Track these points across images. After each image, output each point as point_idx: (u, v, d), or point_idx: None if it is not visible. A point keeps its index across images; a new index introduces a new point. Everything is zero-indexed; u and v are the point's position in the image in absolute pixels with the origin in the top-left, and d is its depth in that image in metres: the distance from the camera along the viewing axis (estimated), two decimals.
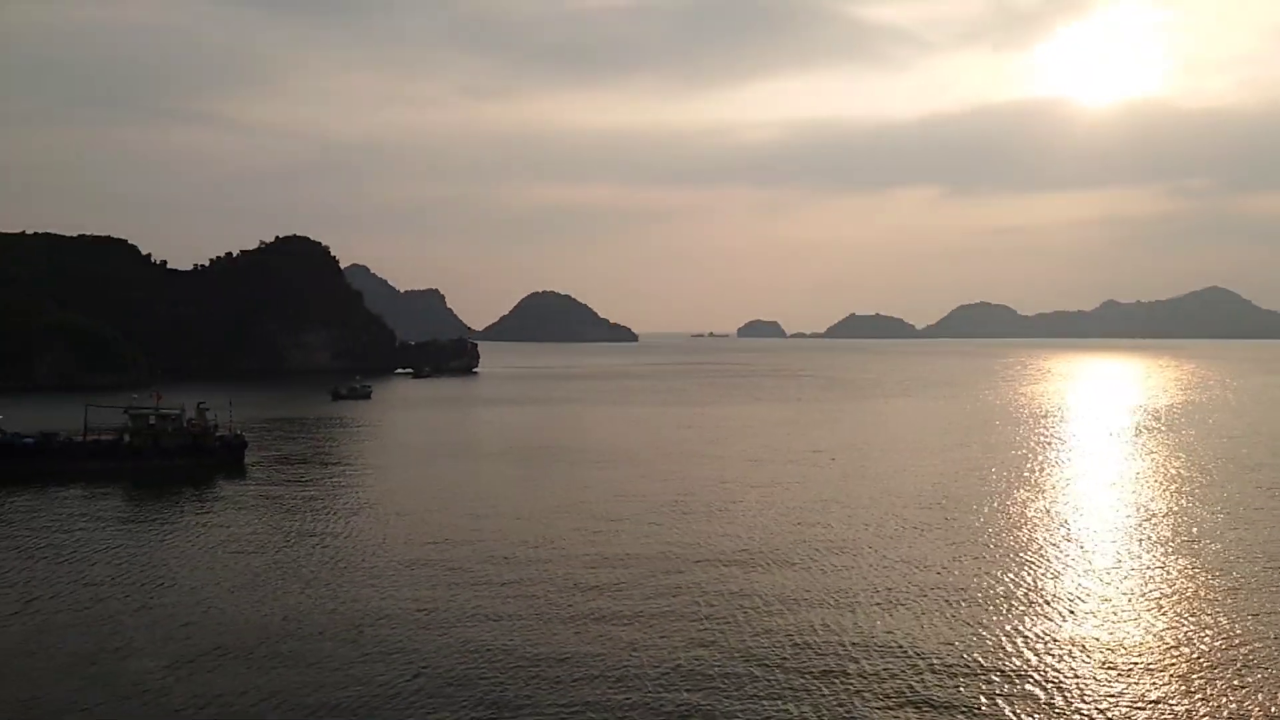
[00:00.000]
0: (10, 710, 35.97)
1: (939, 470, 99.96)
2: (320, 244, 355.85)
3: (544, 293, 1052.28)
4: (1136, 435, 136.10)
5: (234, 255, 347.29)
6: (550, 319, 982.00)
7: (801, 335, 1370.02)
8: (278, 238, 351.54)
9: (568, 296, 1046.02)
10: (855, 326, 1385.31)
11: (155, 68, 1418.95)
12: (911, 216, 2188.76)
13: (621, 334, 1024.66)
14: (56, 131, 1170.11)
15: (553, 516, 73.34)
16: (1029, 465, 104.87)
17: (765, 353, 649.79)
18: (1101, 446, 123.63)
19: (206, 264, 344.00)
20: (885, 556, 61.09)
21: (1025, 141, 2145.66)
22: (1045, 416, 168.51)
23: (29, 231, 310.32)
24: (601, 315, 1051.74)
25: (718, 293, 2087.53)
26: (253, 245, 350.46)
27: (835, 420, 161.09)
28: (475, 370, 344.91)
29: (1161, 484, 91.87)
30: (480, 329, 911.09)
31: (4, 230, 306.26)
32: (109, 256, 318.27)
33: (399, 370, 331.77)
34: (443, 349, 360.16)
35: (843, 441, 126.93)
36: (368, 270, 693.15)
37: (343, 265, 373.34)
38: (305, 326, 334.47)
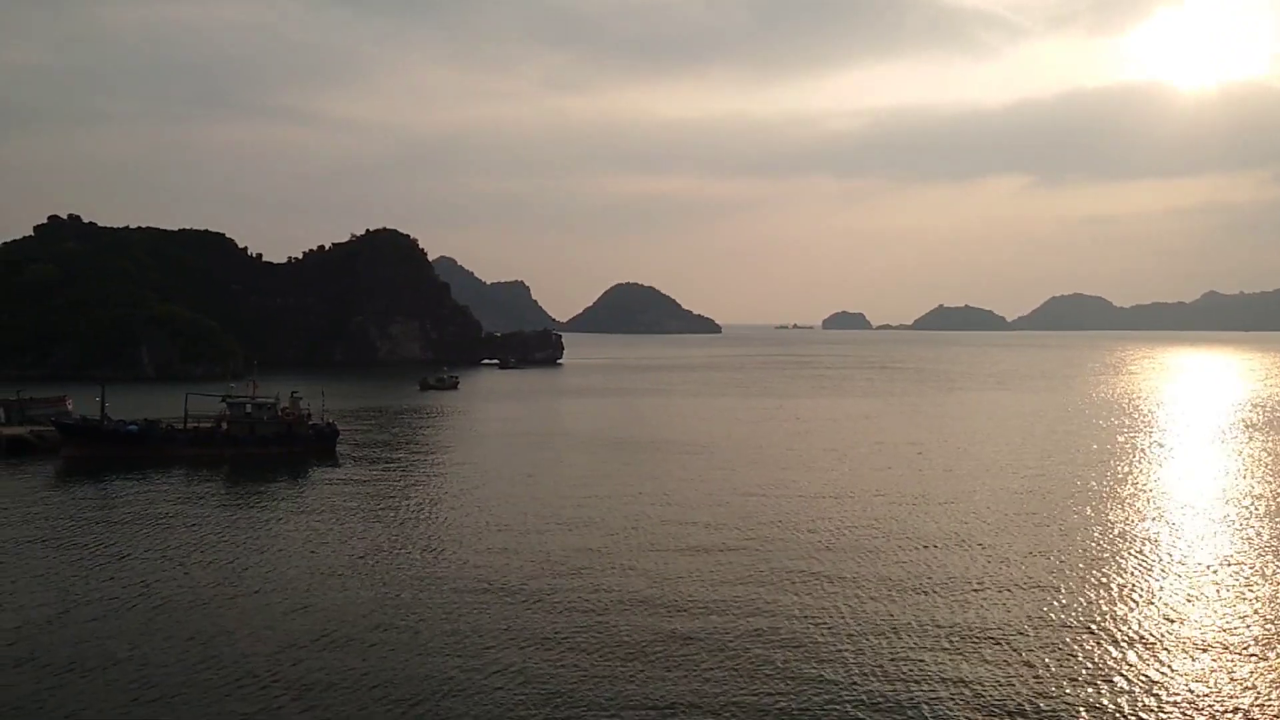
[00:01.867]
0: (130, 688, 36.83)
1: (1031, 466, 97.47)
2: (409, 237, 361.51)
3: (628, 284, 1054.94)
4: (1244, 433, 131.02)
5: (326, 248, 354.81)
6: (634, 310, 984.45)
7: (888, 327, 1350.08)
8: (368, 231, 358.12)
9: (651, 288, 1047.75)
10: (944, 318, 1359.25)
11: (249, 66, 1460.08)
12: (1001, 206, 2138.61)
13: (704, 325, 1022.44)
14: (155, 129, 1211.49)
15: (638, 507, 73.39)
16: (1126, 462, 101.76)
17: (851, 345, 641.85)
18: (1206, 445, 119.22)
19: (300, 257, 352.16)
20: (972, 553, 59.69)
21: (1120, 128, 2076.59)
22: (1145, 412, 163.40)
23: (133, 226, 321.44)
24: (685, 307, 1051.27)
25: (801, 284, 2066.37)
26: (344, 238, 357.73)
27: (923, 413, 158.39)
28: (560, 361, 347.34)
29: (1270, 483, 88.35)
30: (564, 320, 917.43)
31: (110, 225, 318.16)
32: (208, 250, 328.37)
33: (485, 361, 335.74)
34: (528, 340, 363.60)
35: (931, 435, 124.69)
36: (455, 262, 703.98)
37: (431, 258, 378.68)
38: (394, 318, 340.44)
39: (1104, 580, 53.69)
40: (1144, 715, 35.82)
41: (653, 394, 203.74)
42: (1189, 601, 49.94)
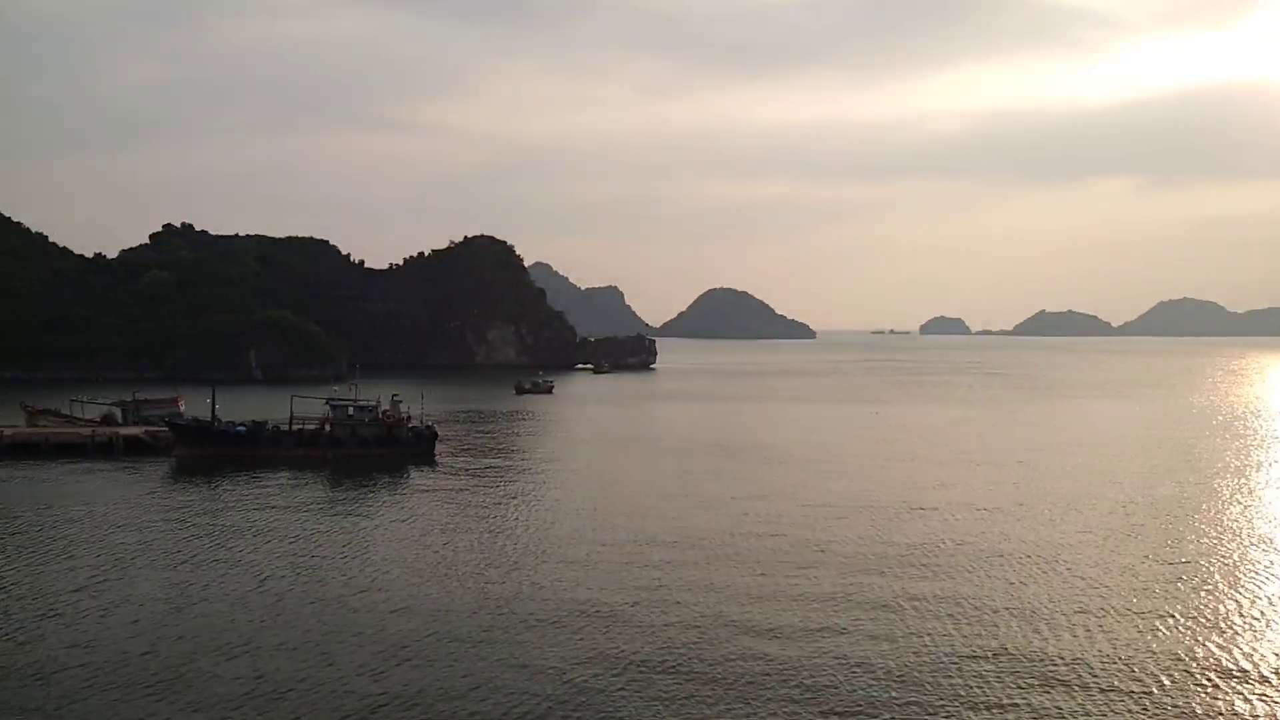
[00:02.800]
0: (246, 683, 37.78)
1: (1137, 477, 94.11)
2: (506, 243, 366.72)
3: (721, 289, 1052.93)
4: None
5: (426, 254, 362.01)
6: (728, 315, 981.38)
7: (988, 332, 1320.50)
8: (466, 237, 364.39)
9: (745, 293, 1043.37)
10: (1046, 324, 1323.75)
11: (356, 78, 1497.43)
12: (1107, 208, 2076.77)
13: (799, 331, 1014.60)
14: (268, 140, 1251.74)
15: (731, 514, 72.82)
16: (1242, 475, 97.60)
17: (949, 350, 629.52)
18: None
19: (401, 263, 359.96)
20: (1074, 569, 56.97)
21: (1233, 125, 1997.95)
22: (1263, 421, 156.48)
23: (242, 234, 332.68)
24: (779, 312, 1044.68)
25: (898, 289, 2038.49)
26: (443, 245, 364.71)
27: (1025, 421, 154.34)
28: (653, 366, 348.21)
29: None
30: (658, 325, 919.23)
31: (221, 233, 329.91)
32: (314, 257, 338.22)
33: (579, 366, 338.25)
34: (622, 345, 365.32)
35: (1032, 444, 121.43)
36: (550, 268, 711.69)
37: (527, 263, 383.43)
38: (491, 323, 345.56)
39: (1233, 609, 50.76)
40: None
41: (745, 400, 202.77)
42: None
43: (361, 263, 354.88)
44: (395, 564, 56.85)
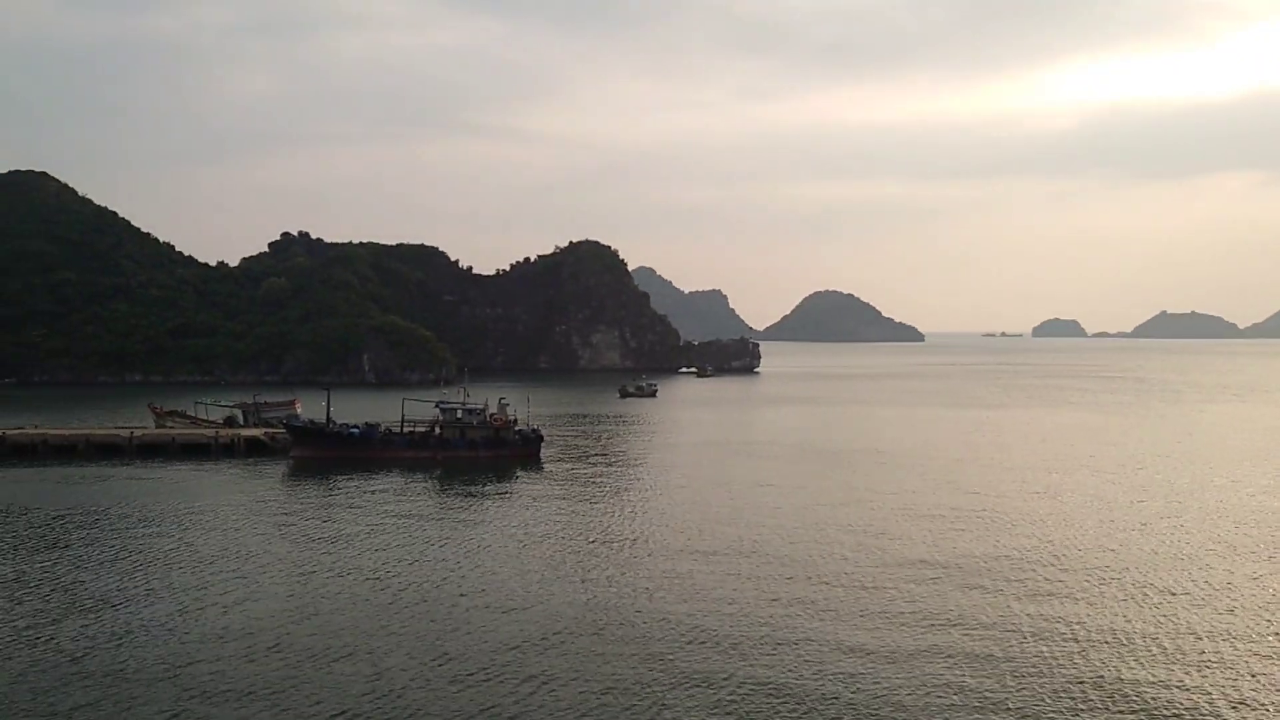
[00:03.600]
0: (366, 682, 38.63)
1: (1264, 488, 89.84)
2: (609, 247, 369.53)
3: (826, 292, 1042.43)
4: None
5: (532, 260, 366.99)
6: (832, 318, 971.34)
7: (1104, 335, 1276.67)
8: (571, 242, 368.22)
9: (850, 295, 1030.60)
10: (1167, 325, 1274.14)
11: (460, 87, 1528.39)
12: (1230, 205, 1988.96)
13: (906, 333, 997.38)
14: (377, 149, 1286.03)
15: (835, 521, 72.03)
16: None
17: (1064, 353, 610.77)
18: None
19: (507, 269, 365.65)
20: (1205, 591, 54.06)
21: None
22: None
23: (355, 241, 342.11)
24: (885, 314, 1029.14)
25: (1010, 290, 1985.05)
26: (549, 250, 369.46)
27: (1146, 427, 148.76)
28: (757, 370, 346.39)
29: None
30: (762, 329, 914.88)
31: (335, 240, 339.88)
32: (423, 263, 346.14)
33: (683, 369, 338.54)
34: (725, 348, 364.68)
35: (1154, 450, 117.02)
36: (653, 272, 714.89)
37: (630, 268, 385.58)
38: (596, 327, 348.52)
39: None
40: None
41: (851, 403, 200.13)
42: None
43: (469, 268, 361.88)
44: (506, 566, 57.57)
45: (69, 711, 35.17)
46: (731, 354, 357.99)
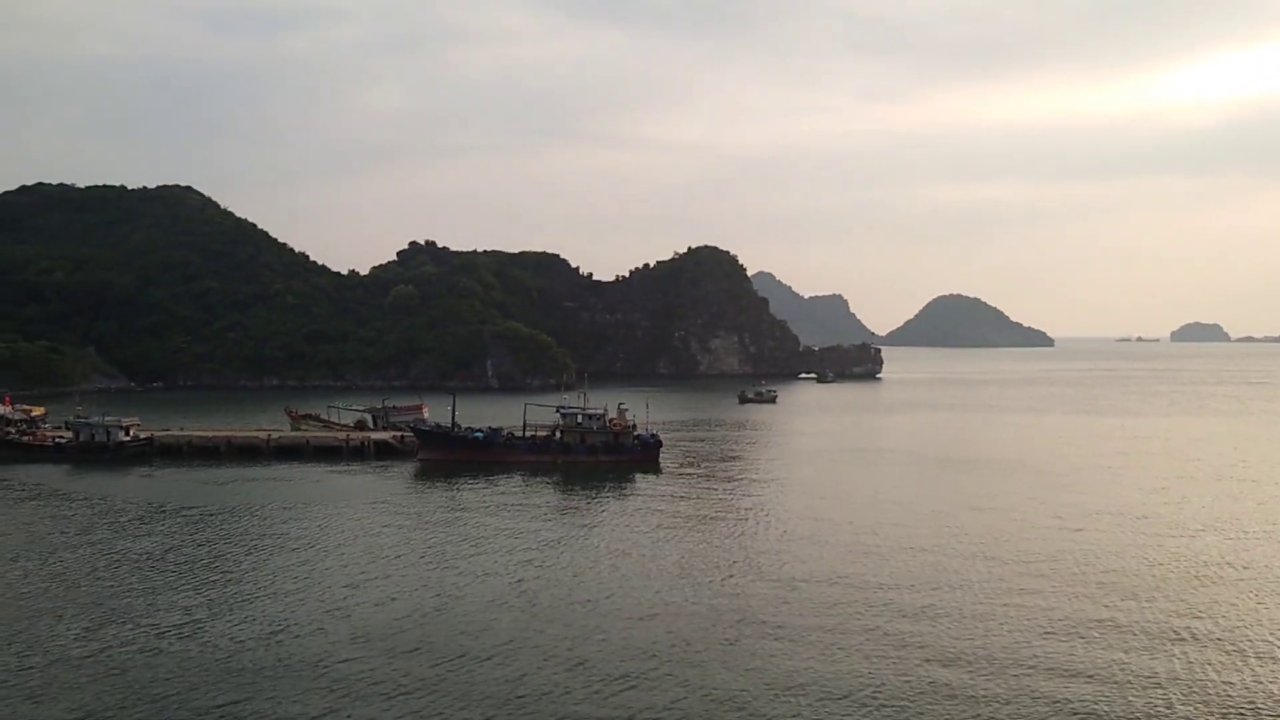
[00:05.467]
0: (507, 685, 39.42)
1: None
2: (729, 253, 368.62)
3: (951, 296, 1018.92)
4: None
5: (651, 266, 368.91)
6: (958, 323, 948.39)
7: (1250, 339, 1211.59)
8: (690, 248, 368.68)
9: (976, 300, 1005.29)
10: None
11: (580, 96, 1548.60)
12: None
13: (1035, 338, 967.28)
14: (499, 159, 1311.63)
15: (960, 530, 70.57)
16: None
17: (1205, 358, 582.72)
18: None
19: (627, 275, 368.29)
20: None
21: None
22: None
23: (479, 250, 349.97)
24: (1013, 319, 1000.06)
25: (1145, 293, 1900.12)
26: (668, 256, 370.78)
27: None
28: (879, 376, 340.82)
29: None
30: (884, 334, 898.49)
31: (460, 249, 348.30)
32: (545, 270, 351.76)
33: (802, 375, 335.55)
34: (846, 354, 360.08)
35: None
36: (773, 277, 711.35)
37: (750, 273, 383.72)
38: (715, 333, 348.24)
39: None
40: None
41: (976, 410, 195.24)
42: None
43: (590, 275, 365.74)
44: (633, 572, 57.90)
45: (222, 708, 36.76)
46: (853, 359, 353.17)
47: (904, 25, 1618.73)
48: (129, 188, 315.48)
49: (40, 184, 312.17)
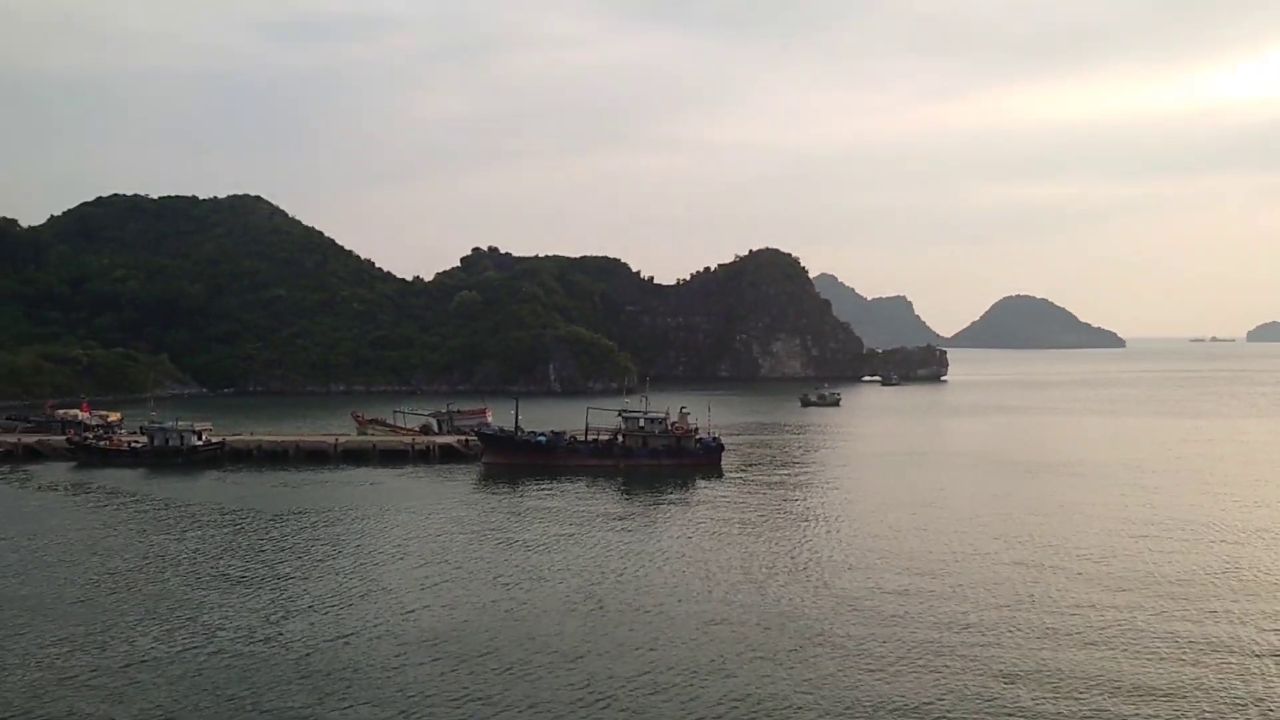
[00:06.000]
0: (578, 689, 39.46)
1: None
2: (790, 255, 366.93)
3: (1017, 297, 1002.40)
4: None
5: (712, 269, 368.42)
6: (1025, 324, 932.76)
7: None
8: (751, 250, 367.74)
9: (1044, 300, 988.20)
10: None
11: (634, 100, 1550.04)
12: None
13: (1105, 339, 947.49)
14: (558, 163, 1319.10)
15: (1029, 536, 69.10)
16: None
17: None
18: None
19: (688, 278, 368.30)
20: None
21: None
22: None
23: (541, 255, 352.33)
24: (1082, 320, 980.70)
25: (1219, 292, 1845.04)
26: (729, 259, 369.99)
27: None
28: (944, 378, 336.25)
29: None
30: (949, 336, 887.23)
31: (522, 254, 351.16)
32: (606, 274, 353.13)
33: (866, 378, 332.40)
34: (910, 356, 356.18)
35: None
36: (835, 279, 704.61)
37: (811, 275, 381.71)
38: (776, 335, 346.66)
39: None
40: None
41: (1044, 412, 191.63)
42: None
43: (651, 279, 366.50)
44: (698, 577, 57.59)
45: (295, 710, 37.29)
46: (917, 362, 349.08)
47: (964, 24, 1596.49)
48: (200, 198, 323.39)
49: (116, 195, 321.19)
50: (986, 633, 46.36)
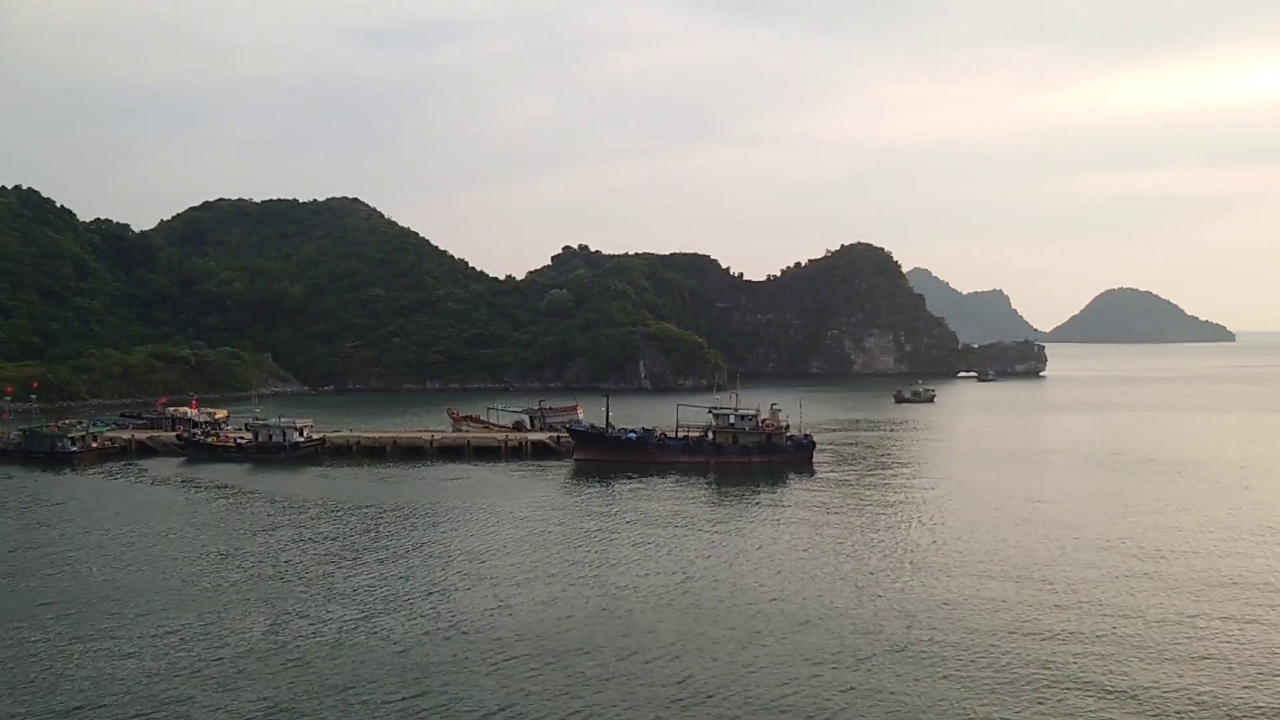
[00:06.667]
0: (671, 688, 39.45)
1: None
2: (882, 249, 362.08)
3: (1119, 290, 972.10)
4: None
5: (803, 265, 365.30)
6: (1128, 318, 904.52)
7: None
8: (842, 245, 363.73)
9: (1148, 293, 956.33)
10: None
11: (722, 96, 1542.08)
12: None
13: (1214, 333, 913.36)
14: (648, 162, 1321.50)
15: (1136, 543, 66.95)
16: None
17: None
18: None
19: (778, 274, 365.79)
20: None
21: None
22: None
23: (632, 252, 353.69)
24: (1189, 313, 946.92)
25: None
26: (820, 254, 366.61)
27: None
28: (1043, 374, 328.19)
29: None
30: (1048, 330, 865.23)
31: (613, 252, 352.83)
32: (696, 271, 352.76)
33: (961, 374, 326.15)
34: (1007, 351, 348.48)
35: None
36: (929, 273, 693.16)
37: (905, 269, 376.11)
38: (869, 331, 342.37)
39: None
40: None
41: (1148, 409, 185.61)
42: None
43: (741, 275, 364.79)
44: (792, 575, 57.23)
45: (399, 702, 38.10)
46: (1015, 357, 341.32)
47: (1057, 9, 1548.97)
48: (300, 201, 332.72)
49: (221, 200, 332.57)
50: (1090, 646, 44.45)
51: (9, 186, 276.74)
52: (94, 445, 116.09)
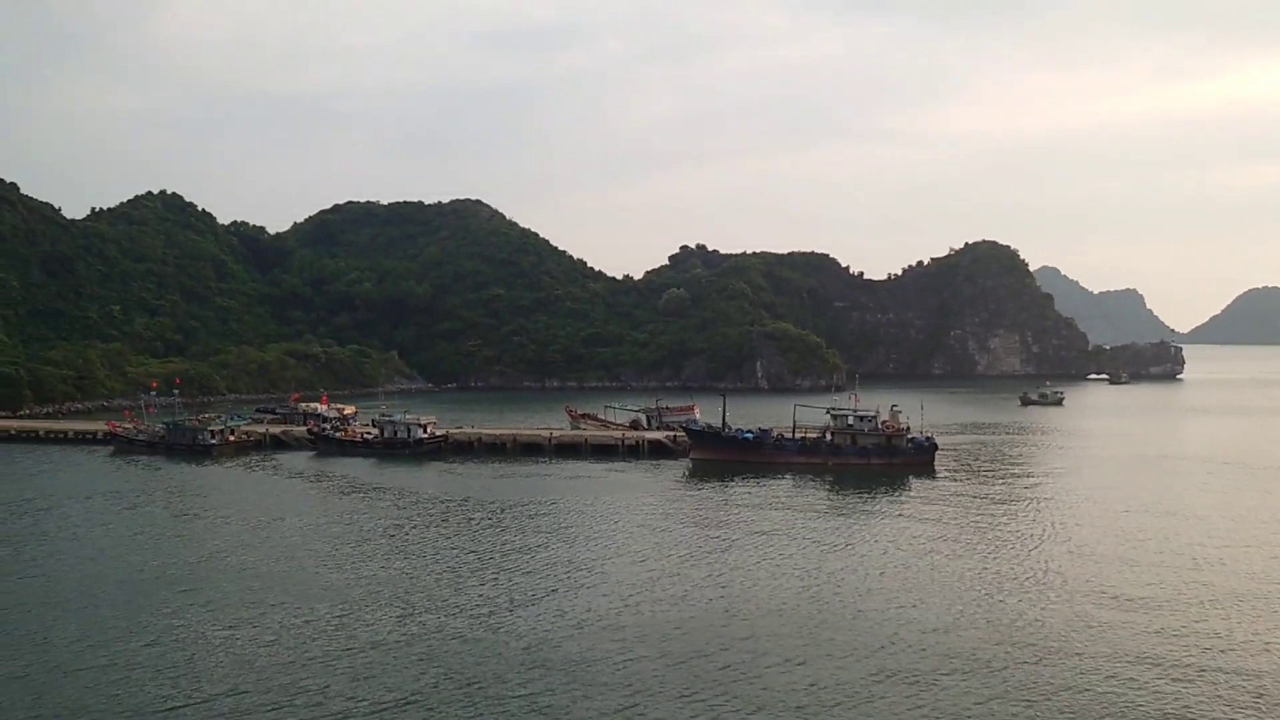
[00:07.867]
0: (799, 693, 39.08)
1: None
2: (1009, 247, 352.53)
3: (1263, 289, 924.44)
4: None
5: (924, 263, 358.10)
6: (1272, 318, 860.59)
7: None
8: (966, 243, 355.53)
9: None
10: None
11: (844, 93, 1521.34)
12: None
13: None
14: (765, 160, 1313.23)
15: (1274, 553, 63.55)
16: None
17: None
18: None
19: (899, 273, 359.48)
20: None
21: None
22: None
23: (749, 251, 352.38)
24: None
25: None
26: (943, 252, 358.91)
27: None
28: (1180, 376, 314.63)
29: None
30: (1185, 331, 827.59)
31: (729, 252, 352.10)
32: (814, 270, 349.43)
33: (1092, 376, 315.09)
34: (1141, 353, 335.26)
35: None
36: (1058, 272, 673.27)
37: (1032, 267, 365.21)
38: (994, 331, 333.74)
39: None
40: None
41: None
42: None
43: (860, 274, 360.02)
44: (920, 580, 56.22)
45: (526, 698, 38.63)
46: (1149, 359, 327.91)
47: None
48: (425, 203, 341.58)
49: (350, 202, 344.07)
50: (1233, 674, 42.05)
51: (155, 191, 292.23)
52: (231, 438, 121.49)
